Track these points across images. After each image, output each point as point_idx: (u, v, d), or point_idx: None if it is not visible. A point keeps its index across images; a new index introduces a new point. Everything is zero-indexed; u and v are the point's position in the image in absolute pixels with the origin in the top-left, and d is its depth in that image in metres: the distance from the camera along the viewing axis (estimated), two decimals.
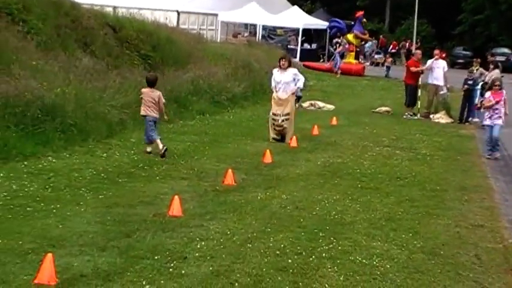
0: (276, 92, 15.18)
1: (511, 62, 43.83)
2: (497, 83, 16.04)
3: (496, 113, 15.41)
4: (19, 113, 12.13)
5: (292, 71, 15.27)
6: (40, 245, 7.14)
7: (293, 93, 15.36)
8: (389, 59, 41.54)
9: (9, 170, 10.49)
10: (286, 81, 15.05)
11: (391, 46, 50.11)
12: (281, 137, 15.15)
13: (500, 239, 8.54)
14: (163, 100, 13.19)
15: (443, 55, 22.99)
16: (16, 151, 11.31)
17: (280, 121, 14.96)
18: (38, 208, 8.61)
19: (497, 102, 15.42)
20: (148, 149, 12.78)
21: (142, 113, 12.98)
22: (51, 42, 16.14)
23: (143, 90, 13.17)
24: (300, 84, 15.47)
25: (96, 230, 7.85)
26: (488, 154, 15.28)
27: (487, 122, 15.65)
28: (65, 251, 7.04)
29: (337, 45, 40.43)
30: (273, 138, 15.11)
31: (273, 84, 15.37)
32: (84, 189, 9.76)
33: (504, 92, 15.90)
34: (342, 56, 38.71)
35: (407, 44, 49.19)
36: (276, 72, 15.39)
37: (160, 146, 12.57)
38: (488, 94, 15.87)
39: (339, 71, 36.72)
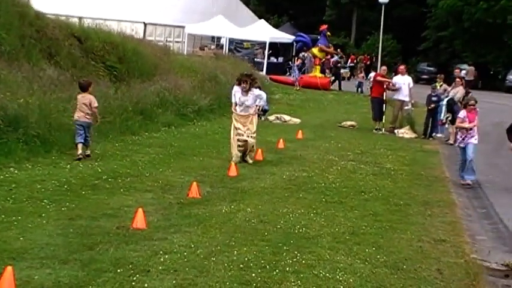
0: (239, 111, 14.33)
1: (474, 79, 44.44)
2: (472, 102, 14.95)
3: (470, 134, 14.40)
4: None
5: (255, 92, 14.42)
6: (0, 257, 7.02)
7: (263, 111, 15.00)
8: (361, 75, 41.85)
9: None
10: (248, 104, 14.28)
11: (349, 60, 50.54)
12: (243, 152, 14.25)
13: (462, 253, 8.62)
14: (95, 104, 13.33)
15: (401, 68, 23.19)
16: None
17: (245, 136, 14.08)
18: (0, 220, 8.48)
19: (471, 125, 14.37)
20: (79, 152, 12.93)
21: (74, 117, 13.20)
22: (15, 53, 15.99)
23: (77, 96, 13.42)
24: (262, 103, 15.08)
25: (58, 242, 7.76)
26: (462, 179, 14.24)
27: (461, 144, 14.50)
28: (26, 263, 6.94)
29: (295, 58, 40.72)
30: (237, 156, 14.05)
31: (233, 100, 14.50)
32: (47, 201, 9.64)
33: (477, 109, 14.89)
34: (300, 69, 38.92)
35: (364, 58, 49.79)
36: (237, 91, 14.38)
37: (79, 151, 12.91)
38: (462, 113, 14.62)
39: (298, 84, 36.92)
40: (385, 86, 22.35)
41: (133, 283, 6.59)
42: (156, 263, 7.26)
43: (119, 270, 6.90)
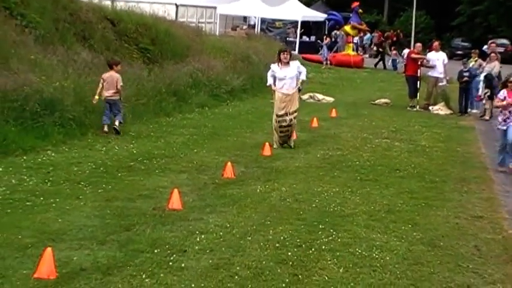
0: (280, 88, 13.47)
1: (509, 54, 43.77)
2: None
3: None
4: (18, 107, 12.14)
5: (295, 63, 13.85)
6: (39, 239, 7.13)
7: (299, 89, 13.84)
8: (394, 52, 41.32)
9: (8, 164, 10.50)
10: (291, 76, 13.47)
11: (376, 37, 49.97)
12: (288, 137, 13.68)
13: (500, 230, 8.54)
14: (121, 83, 13.79)
15: (435, 44, 22.87)
16: (15, 145, 11.31)
17: (288, 120, 13.36)
18: (37, 202, 8.61)
19: (510, 100, 12.83)
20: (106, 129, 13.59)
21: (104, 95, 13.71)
22: (49, 36, 16.12)
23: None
24: (303, 76, 13.85)
25: (96, 223, 7.85)
26: (501, 165, 12.84)
27: (501, 125, 13.03)
28: (65, 245, 7.04)
29: (325, 37, 40.41)
30: (280, 143, 13.55)
31: (270, 81, 13.70)
32: (84, 183, 9.76)
33: None
34: (330, 48, 38.64)
35: (390, 35, 49.17)
36: (276, 68, 13.62)
37: (105, 128, 13.61)
38: (502, 93, 13.10)
39: (327, 62, 36.65)
40: (419, 63, 22.10)
41: (170, 263, 6.64)
42: (192, 243, 7.32)
43: (156, 251, 6.97)
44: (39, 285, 5.87)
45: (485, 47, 33.29)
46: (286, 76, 13.44)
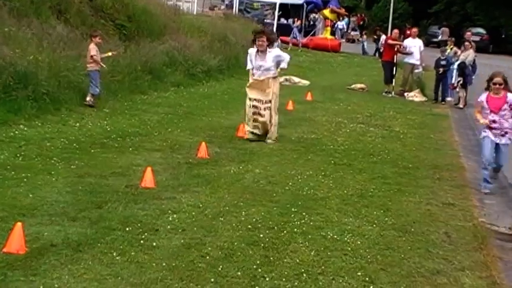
0: (253, 76, 12.35)
1: (485, 43, 44.08)
2: (498, 79, 10.01)
3: (504, 128, 10.11)
4: None
5: (274, 53, 12.31)
6: (10, 213, 7.05)
7: (275, 77, 12.37)
8: (364, 36, 41.46)
9: None
10: (266, 67, 12.17)
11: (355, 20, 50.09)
12: (263, 132, 12.33)
13: (470, 217, 8.61)
14: (92, 52, 13.96)
15: (413, 31, 22.94)
16: None
17: (263, 109, 12.17)
18: (9, 176, 8.51)
19: (488, 120, 10.08)
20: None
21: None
22: (24, 9, 15.88)
23: None
24: (284, 65, 12.49)
25: (67, 199, 7.78)
26: (484, 186, 10.25)
27: (489, 135, 10.19)
28: (35, 220, 6.97)
29: (295, 19, 40.40)
30: (251, 133, 12.34)
31: (249, 65, 12.44)
32: (56, 158, 9.66)
33: (509, 94, 10.04)
34: (300, 31, 38.64)
35: (357, 18, 49.38)
36: (253, 54, 12.29)
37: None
38: (482, 96, 10.25)
39: (300, 45, 36.64)
40: (396, 49, 22.15)
41: (141, 241, 6.61)
42: (164, 222, 7.28)
43: (127, 229, 6.92)
44: (8, 260, 5.80)
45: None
46: (261, 67, 12.19)
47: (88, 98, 13.86)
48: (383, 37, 36.36)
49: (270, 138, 12.29)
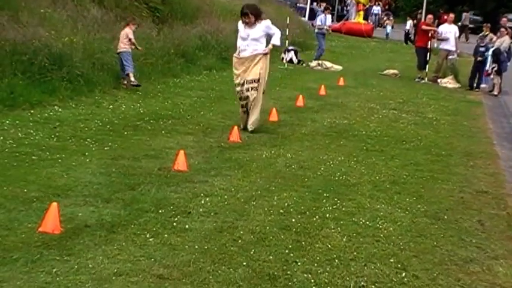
0: (238, 51, 11.32)
1: None
2: None
3: None
4: (26, 61, 12.10)
5: (264, 23, 11.29)
6: (45, 193, 7.14)
7: (266, 54, 11.19)
8: (388, 21, 41.06)
9: (15, 118, 10.50)
10: (254, 37, 11.15)
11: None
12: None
13: (504, 205, 8.52)
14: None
15: (450, 16, 22.64)
16: (22, 99, 11.30)
17: (245, 91, 11.17)
18: (44, 157, 8.61)
19: None
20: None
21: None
22: None
23: None
24: (276, 40, 11.39)
25: (101, 181, 7.85)
26: None
27: None
28: (70, 200, 7.04)
29: (320, 3, 40.17)
30: (243, 119, 11.49)
31: (238, 43, 11.44)
32: (90, 140, 9.75)
33: None
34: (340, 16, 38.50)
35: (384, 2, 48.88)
36: (240, 26, 11.39)
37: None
38: None
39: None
40: (430, 35, 21.94)
41: (174, 224, 6.65)
42: (197, 205, 7.32)
43: (160, 211, 6.97)
44: (44, 239, 5.88)
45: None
46: (249, 36, 11.16)
47: (132, 79, 14.08)
48: (409, 22, 36.03)
49: (252, 125, 11.32)
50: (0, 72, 11.49)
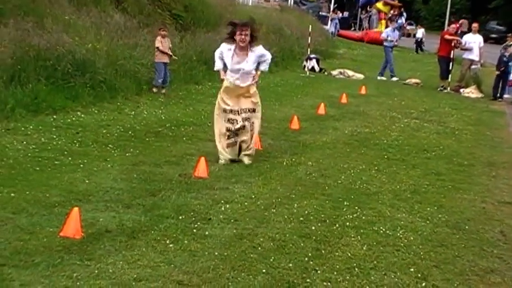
0: (228, 79, 9.66)
1: None
2: None
3: None
4: (50, 67, 12.22)
5: (258, 51, 9.62)
6: (67, 198, 7.20)
7: (256, 81, 9.78)
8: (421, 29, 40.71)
9: (39, 123, 10.61)
10: (248, 70, 9.53)
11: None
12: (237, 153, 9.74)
13: None
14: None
15: (474, 26, 22.53)
16: (46, 104, 11.42)
17: (240, 121, 9.59)
18: (66, 162, 8.68)
19: None
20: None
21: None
22: None
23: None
24: (265, 66, 9.89)
25: (122, 186, 7.90)
26: None
27: None
28: (91, 205, 7.09)
29: (334, 11, 40.13)
30: (227, 157, 9.64)
31: (218, 65, 9.77)
32: (112, 145, 9.82)
33: None
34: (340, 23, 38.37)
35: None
36: (227, 52, 9.54)
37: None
38: None
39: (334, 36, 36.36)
40: (453, 45, 21.84)
41: (194, 230, 6.66)
42: (217, 211, 7.33)
43: (180, 217, 6.99)
44: (65, 244, 5.92)
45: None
46: (241, 70, 9.50)
47: (154, 90, 14.58)
48: (420, 30, 35.83)
49: (250, 156, 9.78)
50: (25, 77, 11.61)
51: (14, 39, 12.14)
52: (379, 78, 23.34)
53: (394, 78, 23.29)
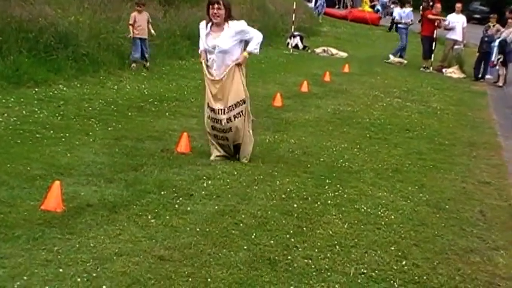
0: (208, 66, 8.37)
1: None
2: None
3: None
4: (32, 39, 12.11)
5: (236, 27, 8.24)
6: (48, 172, 7.15)
7: (239, 65, 8.28)
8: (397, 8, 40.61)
9: (20, 95, 10.52)
10: (223, 48, 8.15)
11: None
12: (234, 148, 8.61)
13: (506, 196, 8.51)
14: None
15: (457, 6, 22.45)
16: (28, 77, 11.33)
17: (224, 122, 8.31)
18: (47, 135, 8.62)
19: None
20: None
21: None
22: None
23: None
24: (254, 46, 8.47)
25: (104, 161, 7.86)
26: None
27: None
28: (73, 179, 7.05)
29: None
30: (217, 156, 8.57)
31: (201, 47, 8.46)
32: (94, 119, 9.76)
33: None
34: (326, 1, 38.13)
35: None
36: (203, 30, 8.36)
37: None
38: None
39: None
40: (436, 24, 21.85)
41: (176, 206, 6.65)
42: (199, 187, 7.32)
43: (162, 193, 6.97)
44: (46, 217, 5.89)
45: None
46: (216, 47, 8.17)
47: (133, 65, 14.38)
48: (397, 9, 35.73)
49: (245, 157, 8.62)
50: (6, 49, 11.50)
51: None
52: (391, 58, 23.11)
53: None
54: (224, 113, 8.27)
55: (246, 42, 8.49)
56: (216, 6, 8.12)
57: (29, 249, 5.23)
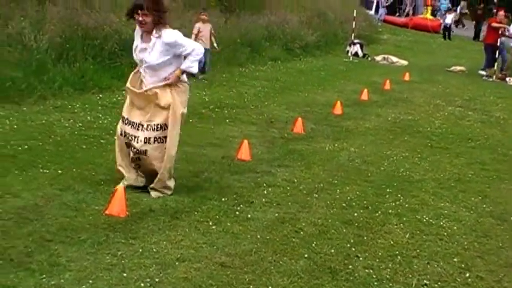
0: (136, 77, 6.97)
1: None
2: None
3: None
4: (97, 46, 12.35)
5: (167, 37, 6.62)
6: (112, 177, 7.26)
7: (175, 80, 6.78)
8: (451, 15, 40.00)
9: (85, 101, 10.74)
10: (151, 63, 6.71)
11: None
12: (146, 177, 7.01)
13: None
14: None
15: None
16: (92, 83, 11.56)
17: (140, 143, 6.80)
18: (111, 141, 8.71)
19: None
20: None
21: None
22: None
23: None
24: (189, 64, 6.79)
25: None
26: None
27: None
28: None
29: None
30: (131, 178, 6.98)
31: (135, 56, 6.98)
32: None
33: None
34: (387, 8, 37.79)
35: None
36: (136, 38, 6.93)
37: None
38: None
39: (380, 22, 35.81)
40: (500, 32, 21.47)
41: (237, 213, 6.69)
42: (259, 195, 7.35)
43: (223, 199, 7.02)
44: (109, 222, 5.99)
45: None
46: (144, 63, 6.77)
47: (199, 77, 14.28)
48: (450, 16, 35.14)
49: (154, 189, 6.88)
50: (72, 56, 11.75)
51: (63, 18, 12.28)
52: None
53: (457, 68, 22.54)
54: (141, 131, 6.80)
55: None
56: (140, 12, 6.59)
57: (94, 253, 5.33)
